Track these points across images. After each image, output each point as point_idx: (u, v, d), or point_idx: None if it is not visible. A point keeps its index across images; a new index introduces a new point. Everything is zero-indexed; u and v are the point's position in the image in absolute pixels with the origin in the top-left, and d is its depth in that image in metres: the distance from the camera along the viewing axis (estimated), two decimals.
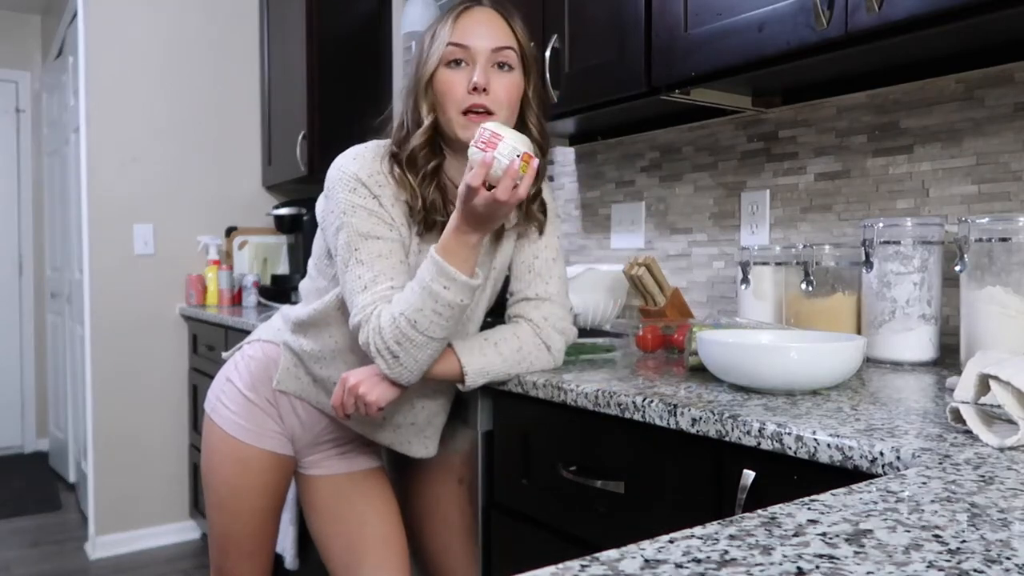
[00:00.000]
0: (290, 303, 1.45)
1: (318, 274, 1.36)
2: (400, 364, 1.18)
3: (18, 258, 4.77)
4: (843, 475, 0.83)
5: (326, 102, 2.94)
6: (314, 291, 1.36)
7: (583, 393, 1.17)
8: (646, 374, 1.30)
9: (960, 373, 1.07)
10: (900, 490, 0.65)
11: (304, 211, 3.09)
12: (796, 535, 0.54)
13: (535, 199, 1.34)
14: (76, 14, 3.21)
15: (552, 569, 0.47)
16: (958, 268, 1.25)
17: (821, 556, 0.50)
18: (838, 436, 0.85)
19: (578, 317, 1.92)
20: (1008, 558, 0.50)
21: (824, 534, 0.55)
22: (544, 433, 1.30)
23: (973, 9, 1.14)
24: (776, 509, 0.60)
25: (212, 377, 1.51)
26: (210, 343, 2.97)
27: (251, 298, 3.24)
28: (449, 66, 1.23)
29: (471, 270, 1.16)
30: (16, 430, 4.76)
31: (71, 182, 3.57)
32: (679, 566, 0.49)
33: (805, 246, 1.54)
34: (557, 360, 1.34)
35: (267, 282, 3.31)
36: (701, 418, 0.99)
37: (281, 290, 3.15)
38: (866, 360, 1.38)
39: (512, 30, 1.27)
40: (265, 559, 1.46)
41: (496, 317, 1.41)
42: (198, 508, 3.13)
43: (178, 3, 3.26)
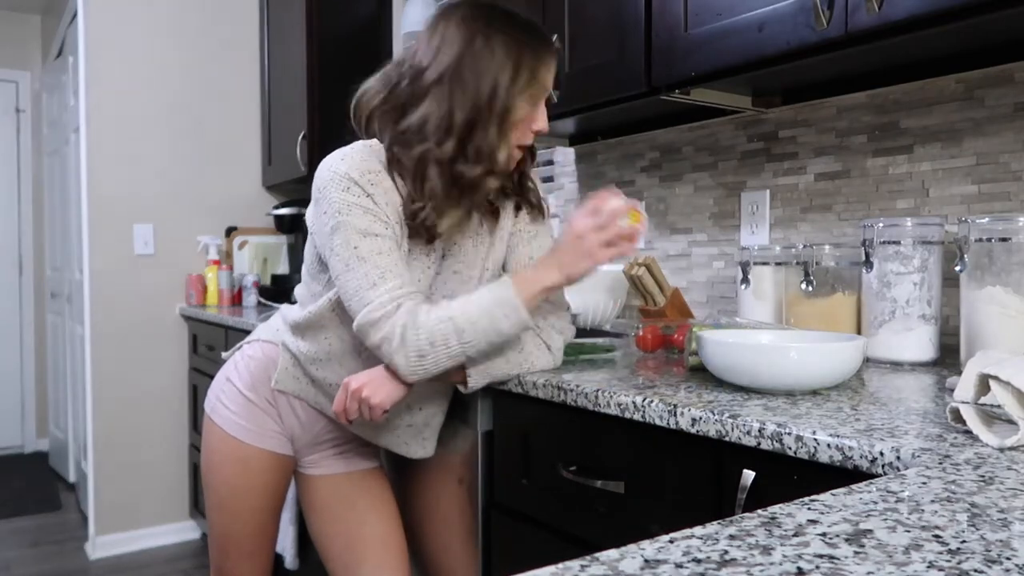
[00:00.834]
0: (290, 303, 1.45)
1: (311, 279, 1.36)
2: (422, 364, 1.19)
3: (18, 258, 4.77)
4: (843, 475, 0.83)
5: (326, 102, 2.93)
6: (309, 296, 1.36)
7: (583, 393, 1.17)
8: (646, 374, 1.30)
9: (960, 373, 1.07)
10: (900, 490, 0.65)
11: (304, 211, 3.09)
12: (796, 535, 0.54)
13: (523, 185, 1.36)
14: (76, 14, 3.21)
15: (552, 569, 0.47)
16: (958, 268, 1.25)
17: (821, 556, 0.50)
18: (838, 436, 0.85)
19: (578, 317, 1.92)
20: (1008, 558, 0.50)
21: (824, 534, 0.55)
22: (544, 433, 1.30)
23: (973, 9, 1.14)
24: (776, 509, 0.60)
25: (212, 377, 1.51)
26: (210, 343, 2.97)
27: (251, 298, 3.24)
28: (529, 100, 1.25)
29: (534, 308, 1.23)
30: (16, 430, 4.77)
31: (71, 182, 3.57)
32: (679, 566, 0.49)
33: (805, 246, 1.54)
34: (557, 360, 1.35)
35: (267, 282, 3.31)
36: (701, 418, 0.99)
37: (281, 290, 3.15)
38: (866, 360, 1.38)
39: None
40: (265, 559, 1.46)
41: None
42: (198, 508, 3.13)
43: (178, 3, 3.26)
